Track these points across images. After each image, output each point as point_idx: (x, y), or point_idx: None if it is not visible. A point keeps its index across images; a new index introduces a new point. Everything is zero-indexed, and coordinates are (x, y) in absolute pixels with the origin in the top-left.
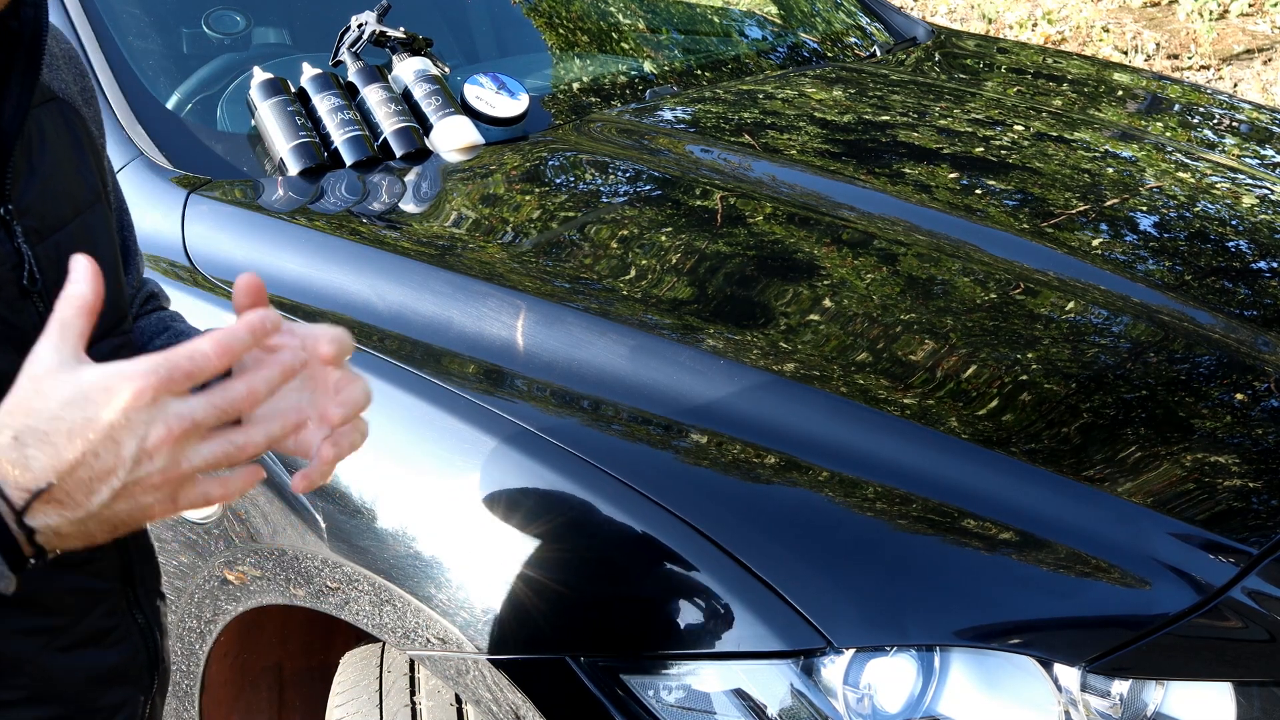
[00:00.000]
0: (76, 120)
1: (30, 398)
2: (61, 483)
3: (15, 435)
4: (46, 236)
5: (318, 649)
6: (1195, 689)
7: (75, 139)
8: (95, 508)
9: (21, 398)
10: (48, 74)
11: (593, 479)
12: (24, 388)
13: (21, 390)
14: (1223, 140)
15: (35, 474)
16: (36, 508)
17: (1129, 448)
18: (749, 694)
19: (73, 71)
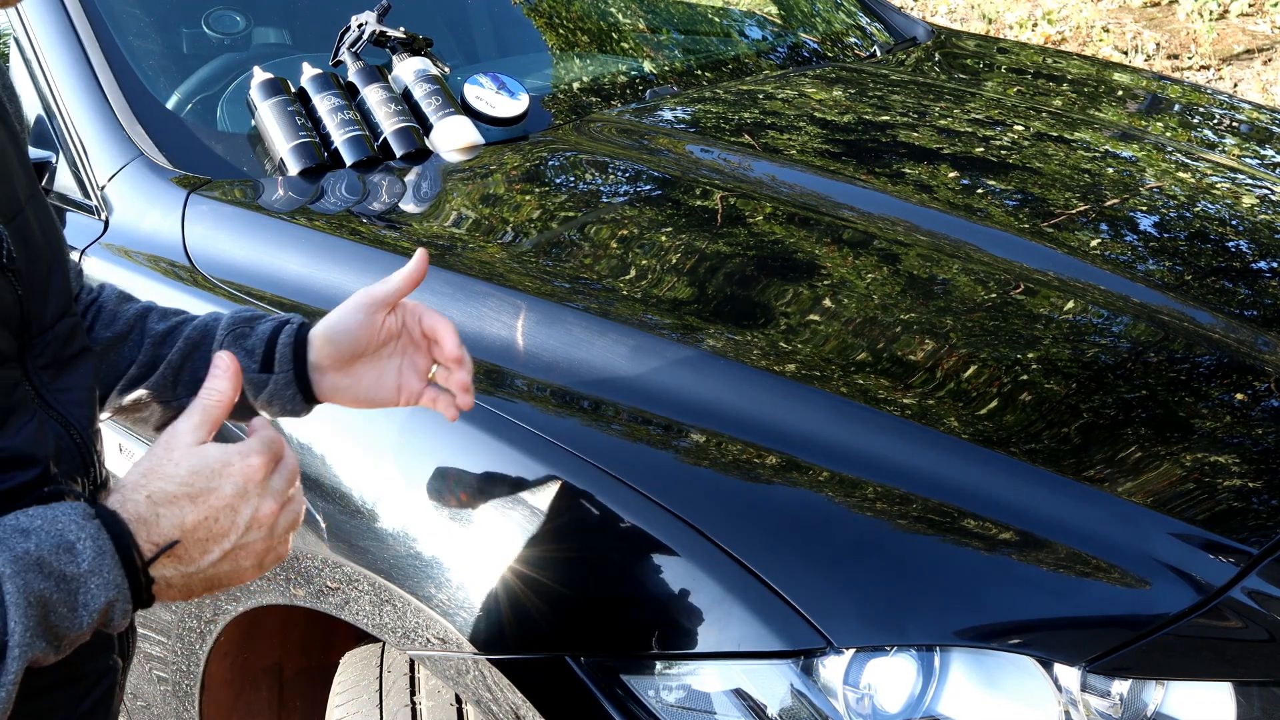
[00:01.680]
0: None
1: (164, 464)
2: (185, 541)
3: (149, 495)
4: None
5: (318, 649)
6: (1195, 689)
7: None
8: (205, 566)
9: (156, 463)
10: None
11: (593, 479)
12: (159, 457)
13: (156, 458)
14: (1223, 140)
15: (164, 531)
16: (161, 561)
17: (1129, 448)
18: (749, 694)
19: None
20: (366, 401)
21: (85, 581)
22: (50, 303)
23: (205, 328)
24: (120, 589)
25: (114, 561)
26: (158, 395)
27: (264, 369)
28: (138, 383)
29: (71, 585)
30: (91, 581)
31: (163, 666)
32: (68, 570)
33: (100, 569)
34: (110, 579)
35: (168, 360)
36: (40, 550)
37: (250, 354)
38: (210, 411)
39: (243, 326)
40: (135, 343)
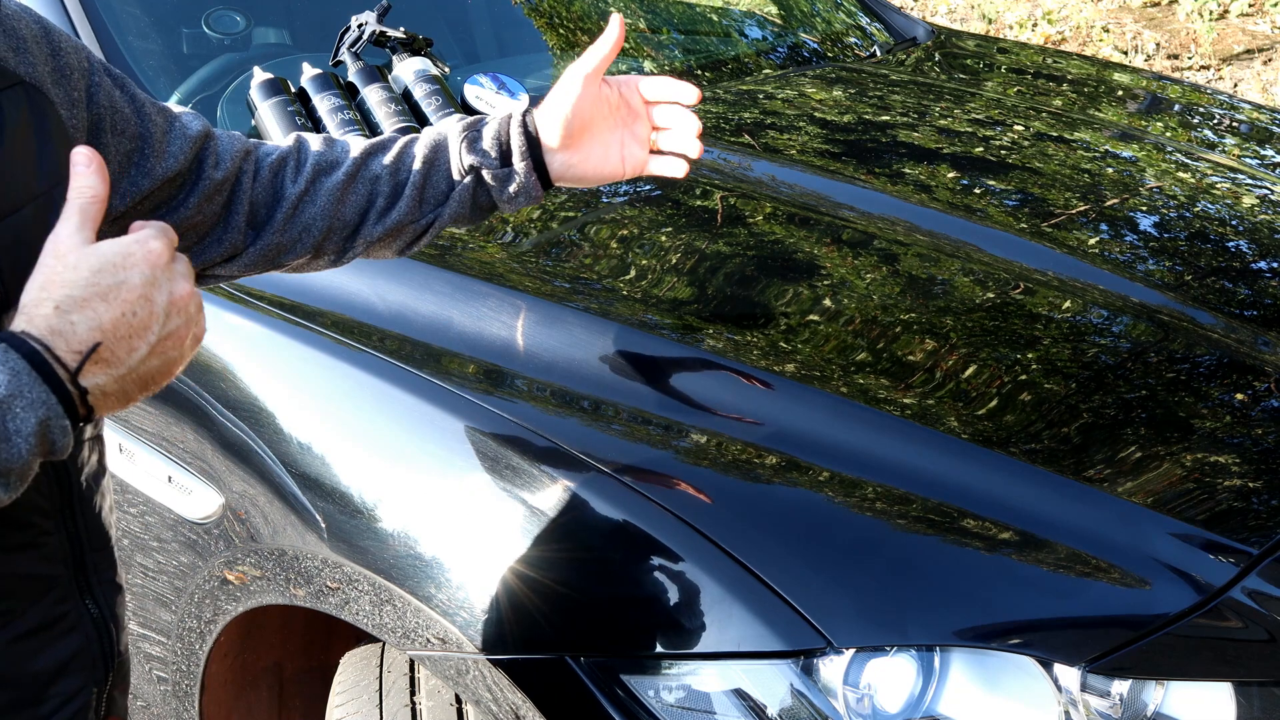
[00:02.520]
0: (44, 104)
1: (61, 272)
2: (107, 341)
3: (56, 305)
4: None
5: (318, 649)
6: (1195, 689)
7: (40, 124)
8: (135, 363)
9: (52, 274)
10: (13, 58)
11: (593, 479)
12: (51, 265)
13: (49, 268)
14: (1223, 140)
15: (82, 336)
16: (88, 368)
17: (1129, 448)
18: (749, 694)
19: (44, 52)
20: (595, 176)
21: (9, 406)
22: None
23: (436, 144)
24: (49, 405)
25: (33, 379)
26: (408, 216)
27: (504, 164)
28: (387, 211)
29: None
30: (15, 405)
31: (163, 666)
32: None
33: (20, 390)
34: (35, 397)
35: (411, 182)
36: None
37: (486, 154)
38: (87, 210)
39: (470, 131)
40: (369, 178)
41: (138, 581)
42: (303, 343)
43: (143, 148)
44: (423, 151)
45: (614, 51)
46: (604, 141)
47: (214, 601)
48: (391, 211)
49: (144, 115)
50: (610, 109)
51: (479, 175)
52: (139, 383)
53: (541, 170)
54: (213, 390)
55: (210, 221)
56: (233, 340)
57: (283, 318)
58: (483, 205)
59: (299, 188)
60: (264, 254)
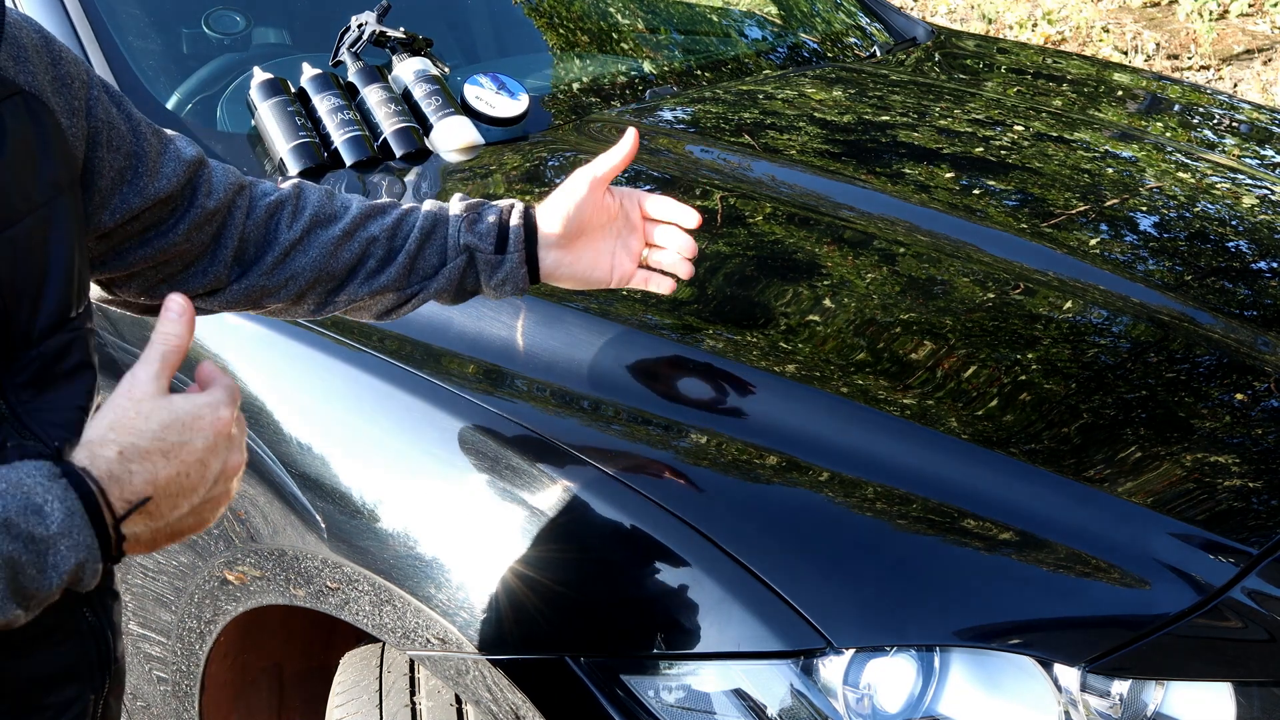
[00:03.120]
0: (44, 113)
1: (133, 418)
2: (157, 497)
3: (120, 450)
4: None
5: (318, 649)
6: (1195, 689)
7: (40, 134)
8: (174, 520)
9: (123, 415)
10: (14, 67)
11: (593, 479)
12: (124, 407)
13: (121, 409)
14: (1223, 140)
15: (137, 487)
16: (133, 518)
17: (1129, 448)
18: (749, 694)
19: (44, 61)
20: (584, 280)
21: (55, 543)
22: (39, 317)
23: (436, 217)
24: (90, 549)
25: (84, 521)
26: (394, 284)
27: (498, 250)
28: (377, 274)
29: (40, 547)
30: (61, 543)
31: (163, 666)
32: (36, 532)
33: (70, 530)
34: (80, 540)
35: (405, 250)
36: (7, 512)
37: (483, 236)
38: (168, 358)
39: (472, 213)
40: (365, 239)
41: (137, 582)
42: (302, 343)
43: (136, 165)
44: (422, 223)
45: (625, 161)
46: (597, 248)
47: (214, 602)
48: (380, 276)
49: (139, 134)
50: (609, 217)
51: (472, 257)
52: (169, 535)
53: (533, 263)
54: None
55: (197, 251)
56: (233, 340)
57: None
58: (468, 288)
59: (293, 234)
60: (247, 294)
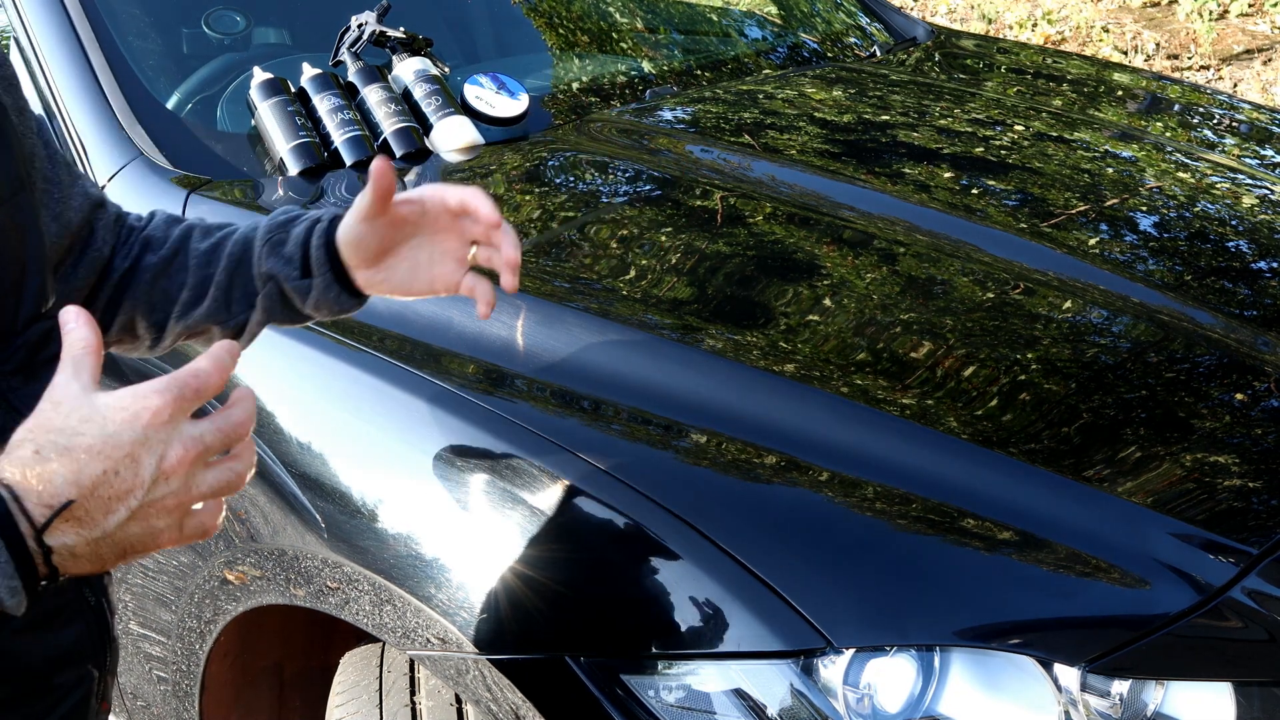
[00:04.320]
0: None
1: (51, 417)
2: (83, 500)
3: (37, 449)
4: None
5: (318, 649)
6: (1195, 689)
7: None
8: (111, 528)
9: (43, 418)
10: None
11: (593, 479)
12: (44, 410)
13: (42, 412)
14: (1223, 140)
15: (57, 489)
16: (56, 525)
17: (1129, 448)
18: (749, 694)
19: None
20: (405, 293)
21: None
22: (22, 306)
23: (246, 241)
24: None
25: None
26: (214, 317)
27: (304, 275)
28: (193, 305)
29: None
30: None
31: (163, 666)
32: None
33: None
34: None
35: (215, 281)
36: None
37: (289, 261)
38: (81, 360)
39: (278, 233)
40: (182, 265)
41: (138, 581)
42: (302, 343)
43: (52, 191)
44: (231, 249)
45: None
46: (411, 259)
47: (214, 601)
48: (197, 308)
49: (55, 161)
50: (413, 226)
51: (279, 284)
52: (115, 549)
53: (348, 283)
54: None
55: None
56: None
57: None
58: (295, 311)
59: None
60: None
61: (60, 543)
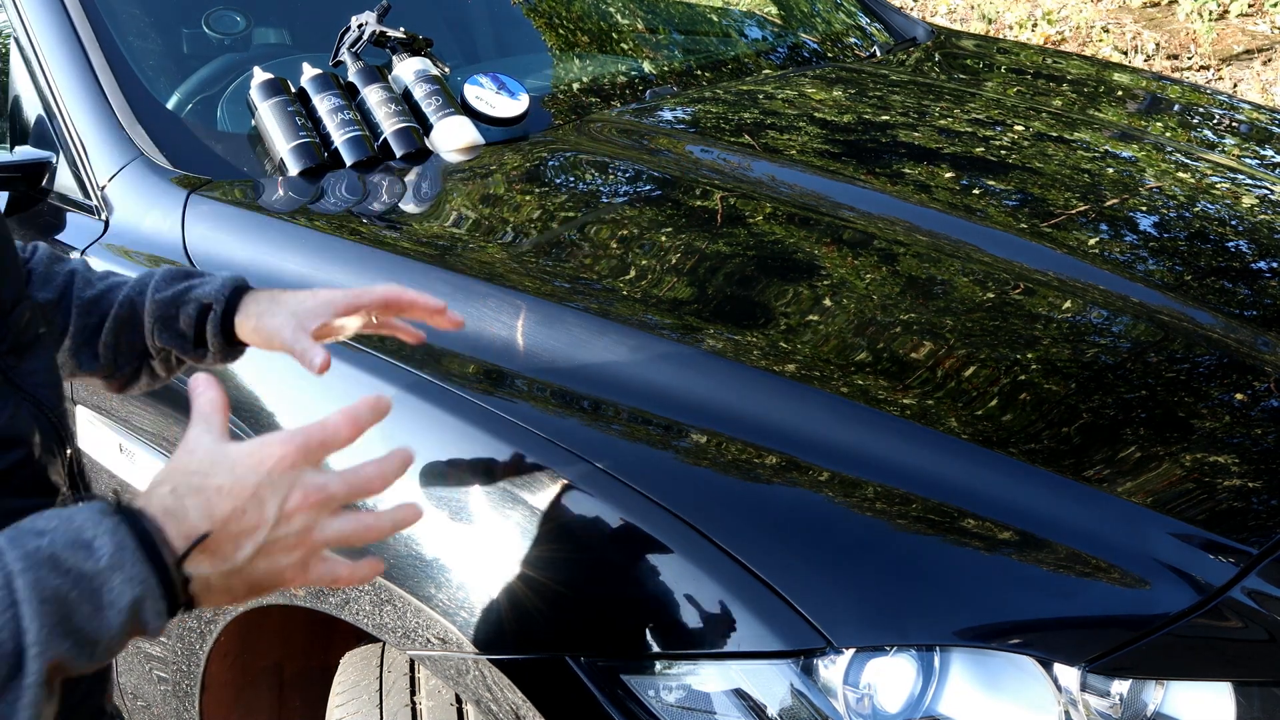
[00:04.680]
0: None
1: (186, 461)
2: (215, 533)
3: (173, 489)
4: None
5: (318, 649)
6: (1195, 689)
7: None
8: (240, 562)
9: (179, 463)
10: None
11: (593, 479)
12: (179, 456)
13: (178, 458)
14: (1223, 140)
15: (194, 523)
16: (194, 556)
17: (1129, 448)
18: (749, 694)
19: None
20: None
21: (106, 578)
22: (5, 289)
23: (132, 305)
24: (147, 584)
25: (136, 556)
26: (103, 371)
27: (198, 346)
28: (77, 352)
29: (93, 583)
30: (113, 577)
31: (163, 666)
32: (85, 567)
33: (122, 564)
34: (134, 574)
35: (102, 340)
36: (54, 547)
37: (182, 338)
38: (209, 416)
39: (168, 310)
40: (66, 309)
41: None
42: None
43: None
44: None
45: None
46: None
47: None
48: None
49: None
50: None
51: (169, 353)
52: (246, 585)
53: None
54: None
55: None
56: None
57: None
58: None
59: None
60: None
61: (198, 572)
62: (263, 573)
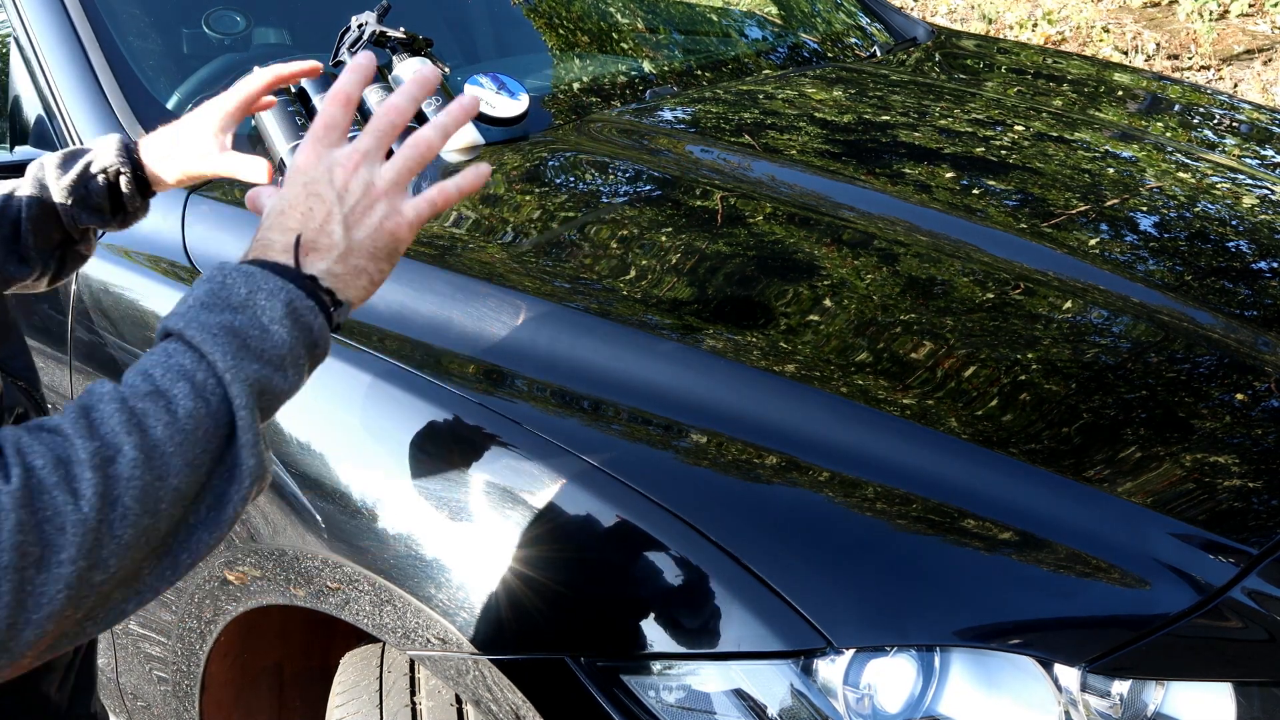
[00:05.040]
0: None
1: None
2: (303, 234)
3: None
4: None
5: (318, 649)
6: (1195, 689)
7: None
8: (341, 242)
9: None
10: None
11: (593, 479)
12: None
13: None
14: (1223, 140)
15: (284, 240)
16: (304, 259)
17: (1129, 448)
18: (749, 694)
19: None
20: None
21: (254, 299)
22: None
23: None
24: (287, 289)
25: (266, 275)
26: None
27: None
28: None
29: (247, 308)
30: (258, 297)
31: (163, 666)
32: (233, 299)
33: (258, 285)
34: (271, 286)
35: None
36: (200, 299)
37: (100, 211)
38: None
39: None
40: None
41: None
42: None
43: None
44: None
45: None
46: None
47: (214, 601)
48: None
49: None
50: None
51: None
52: (366, 255)
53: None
54: None
55: None
56: None
57: None
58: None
59: None
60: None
61: (317, 269)
62: (367, 239)
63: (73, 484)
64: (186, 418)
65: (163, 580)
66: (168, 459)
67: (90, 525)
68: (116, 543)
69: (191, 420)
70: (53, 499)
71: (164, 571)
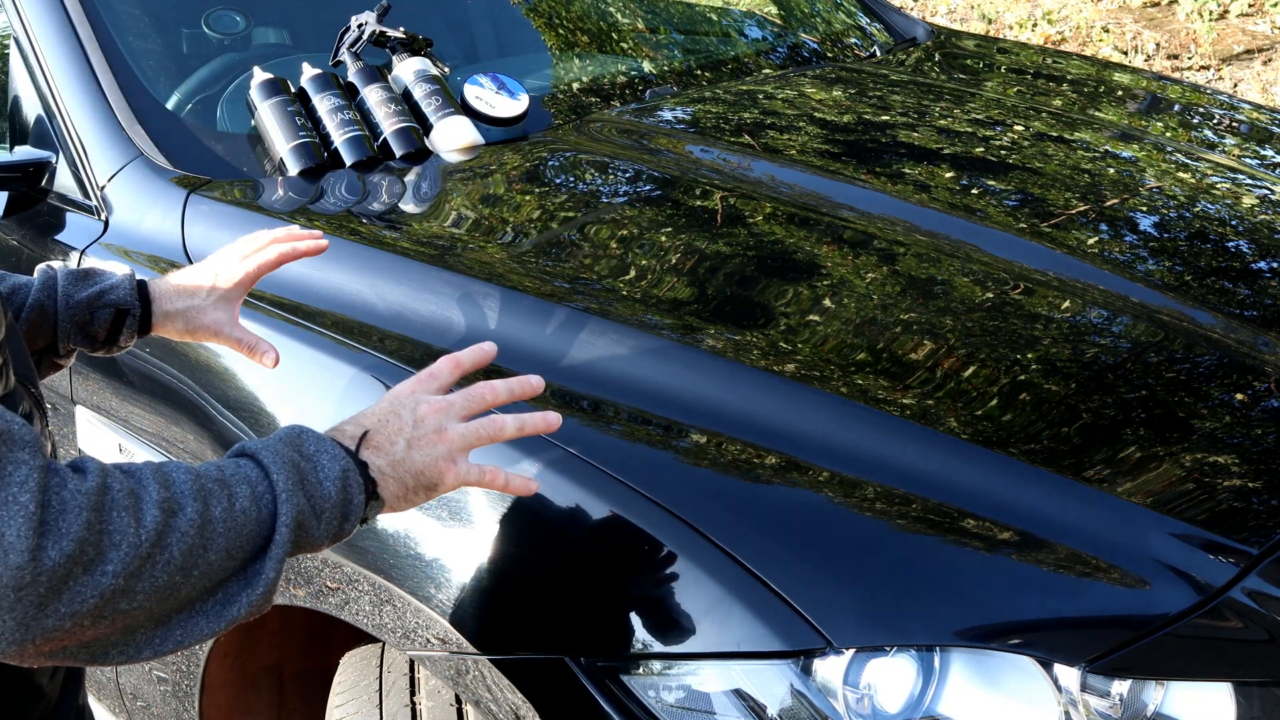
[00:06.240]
0: None
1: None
2: (372, 430)
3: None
4: None
5: (318, 649)
6: (1195, 689)
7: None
8: (400, 453)
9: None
10: None
11: (593, 479)
12: None
13: None
14: (1223, 140)
15: (353, 429)
16: (364, 450)
17: (1129, 448)
18: (749, 694)
19: None
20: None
21: (319, 457)
22: None
23: (41, 309)
24: (345, 461)
25: (333, 443)
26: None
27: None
28: None
29: (312, 458)
30: (322, 457)
31: (163, 666)
32: (304, 449)
33: (325, 448)
34: (335, 453)
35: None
36: (275, 437)
37: (93, 339)
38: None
39: (82, 314)
40: None
41: None
42: (303, 343)
43: None
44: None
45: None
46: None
47: None
48: None
49: None
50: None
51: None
52: (411, 473)
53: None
54: (212, 390)
55: None
56: None
57: (283, 318)
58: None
59: None
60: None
61: (370, 460)
62: (420, 464)
63: (139, 514)
64: (241, 513)
65: (149, 647)
66: (215, 536)
67: (142, 552)
68: (151, 581)
69: (243, 516)
70: (120, 517)
71: (155, 640)
